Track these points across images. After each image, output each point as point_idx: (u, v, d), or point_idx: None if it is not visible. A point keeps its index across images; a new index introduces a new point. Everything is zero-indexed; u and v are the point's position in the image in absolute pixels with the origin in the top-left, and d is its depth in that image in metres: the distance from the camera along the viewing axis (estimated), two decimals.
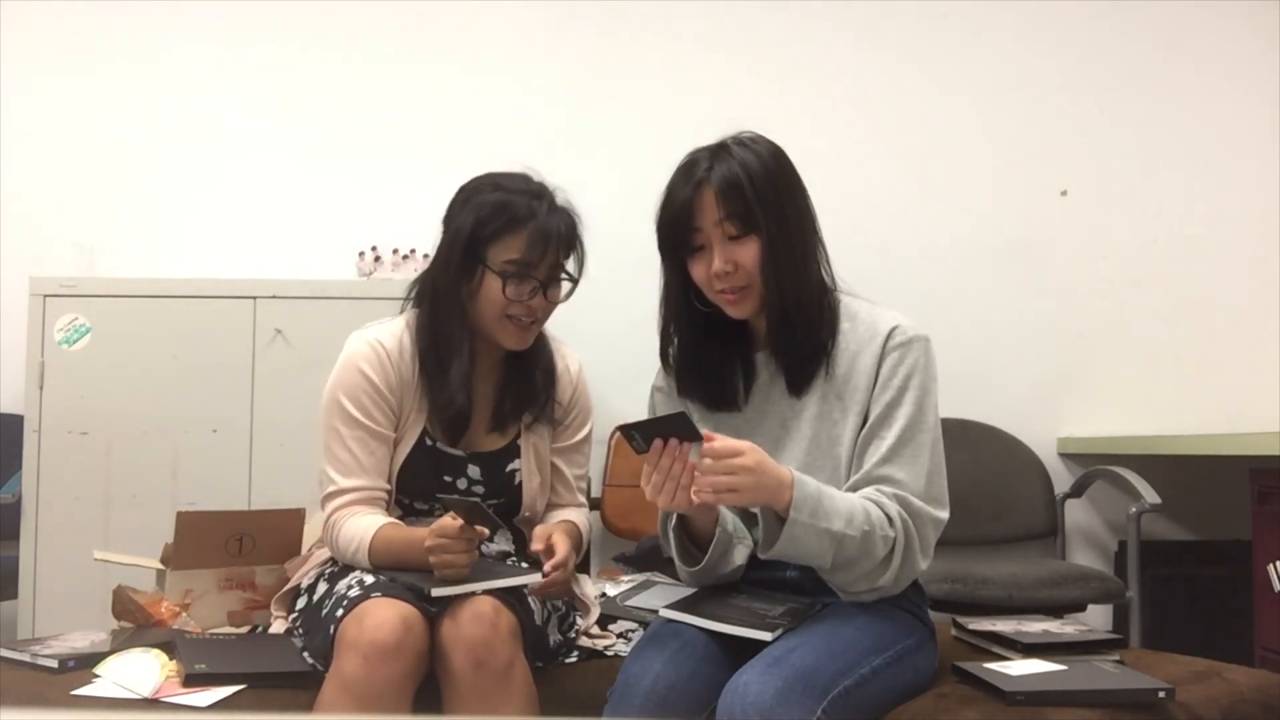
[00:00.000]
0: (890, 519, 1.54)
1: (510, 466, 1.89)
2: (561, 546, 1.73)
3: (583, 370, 2.00)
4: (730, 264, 1.61)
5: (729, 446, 1.46)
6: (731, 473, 1.45)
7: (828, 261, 1.70)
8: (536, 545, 1.72)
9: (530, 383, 1.90)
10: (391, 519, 1.81)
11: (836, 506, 1.51)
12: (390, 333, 1.86)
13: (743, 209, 1.60)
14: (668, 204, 1.66)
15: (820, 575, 1.60)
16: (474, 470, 1.87)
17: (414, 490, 1.87)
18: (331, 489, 1.81)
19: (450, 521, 1.62)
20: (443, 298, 1.83)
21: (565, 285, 1.86)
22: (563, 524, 1.89)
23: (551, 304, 1.85)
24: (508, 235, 1.79)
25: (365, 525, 1.75)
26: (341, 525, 1.77)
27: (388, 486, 1.84)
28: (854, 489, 1.59)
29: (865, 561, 1.54)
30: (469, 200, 1.83)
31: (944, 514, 1.60)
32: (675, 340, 1.74)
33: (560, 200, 1.86)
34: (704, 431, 1.48)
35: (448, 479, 1.86)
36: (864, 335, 1.65)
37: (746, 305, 1.64)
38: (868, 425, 1.61)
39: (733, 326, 1.71)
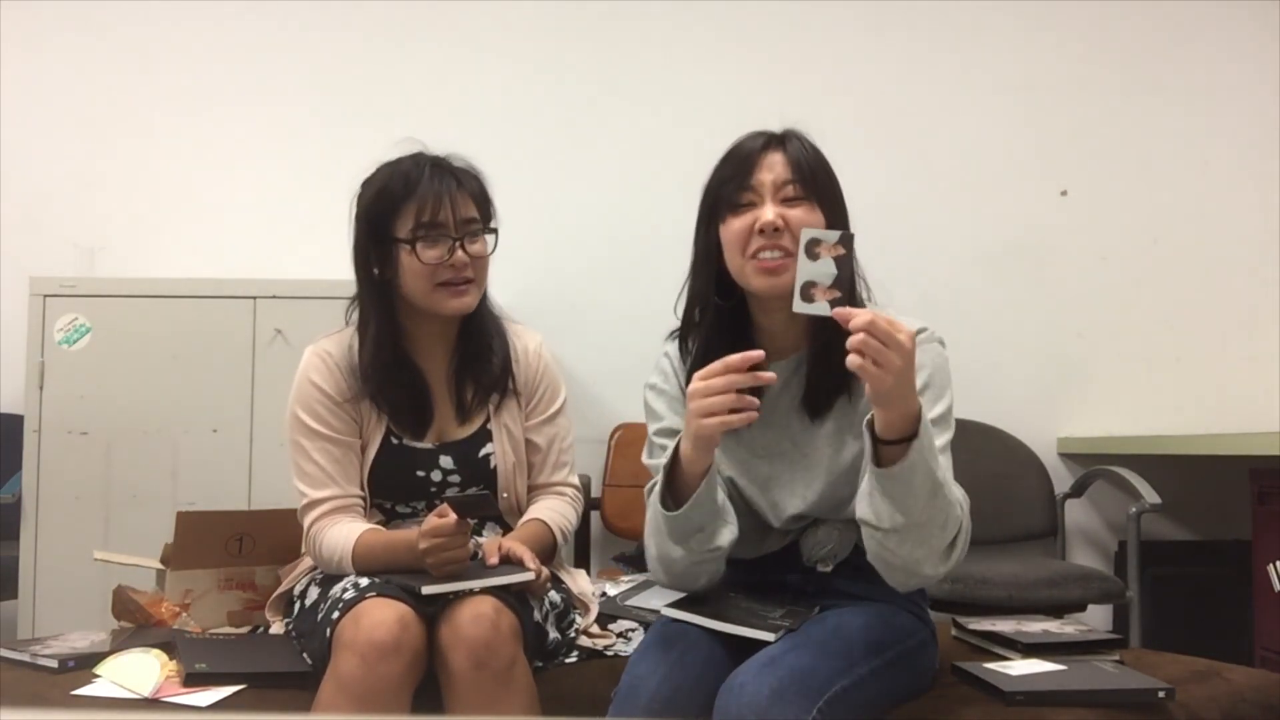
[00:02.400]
0: (960, 501, 1.48)
1: (484, 451, 1.89)
2: (516, 549, 1.72)
3: (544, 346, 1.99)
4: (781, 219, 1.53)
5: (895, 324, 1.34)
6: (893, 346, 1.32)
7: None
8: (491, 560, 1.70)
9: (488, 368, 1.90)
10: (371, 525, 1.81)
11: (941, 460, 1.42)
12: (339, 340, 1.89)
13: (811, 176, 1.55)
14: (727, 159, 1.60)
15: (882, 552, 1.46)
16: (446, 461, 1.87)
17: (390, 491, 1.87)
18: (305, 502, 1.82)
19: (439, 521, 1.62)
20: (367, 292, 1.86)
21: (487, 239, 1.86)
22: (522, 528, 1.88)
23: (478, 259, 1.84)
24: (402, 205, 1.81)
25: (345, 534, 1.76)
26: (322, 536, 1.78)
27: (360, 493, 1.85)
28: None
29: (940, 536, 1.43)
30: (361, 193, 1.87)
31: None
32: (697, 324, 1.64)
33: (450, 159, 1.86)
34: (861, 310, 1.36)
35: (420, 474, 1.86)
36: None
37: (782, 280, 1.51)
38: None
39: (745, 333, 1.62)
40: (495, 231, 1.88)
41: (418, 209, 1.80)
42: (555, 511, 1.92)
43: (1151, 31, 3.36)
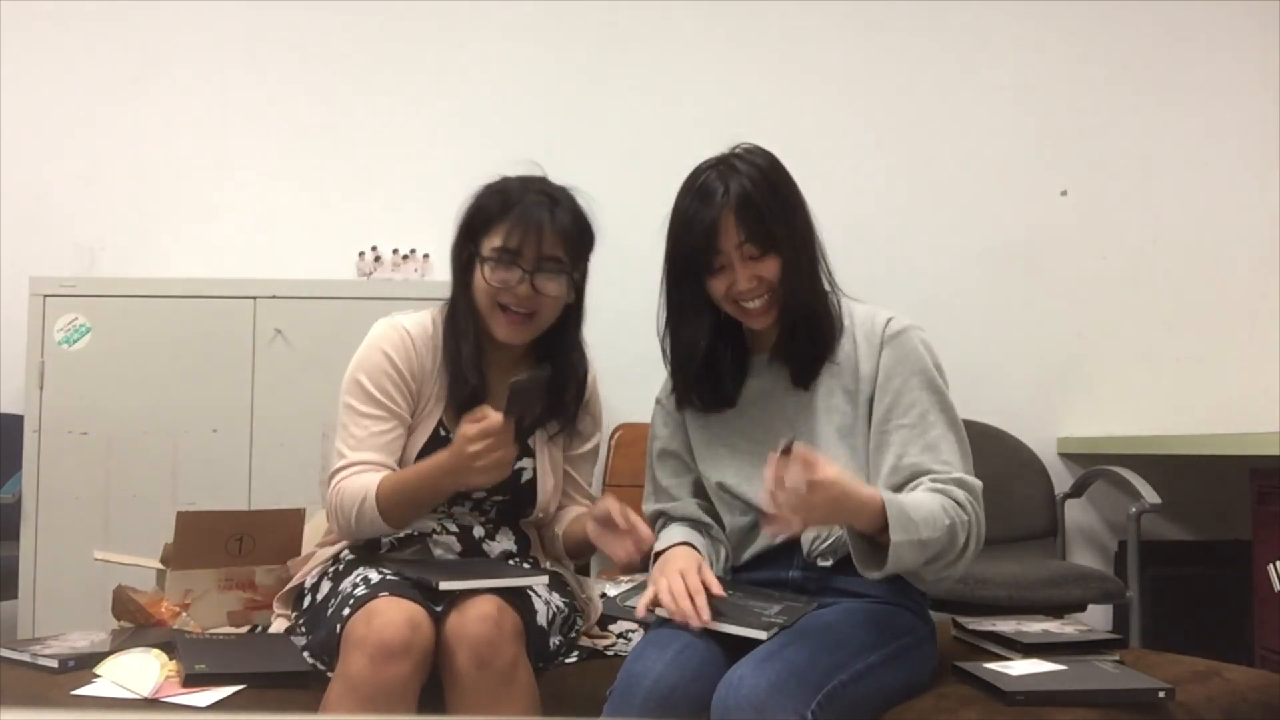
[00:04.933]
0: (961, 504, 1.56)
1: (518, 465, 1.88)
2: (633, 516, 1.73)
3: (596, 381, 1.98)
4: (753, 280, 1.65)
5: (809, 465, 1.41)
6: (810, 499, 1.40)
7: (826, 264, 1.74)
8: (616, 517, 1.71)
9: (561, 397, 1.88)
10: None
11: (920, 513, 1.50)
12: (416, 320, 1.88)
13: (761, 231, 1.64)
14: (686, 230, 1.67)
15: (918, 583, 1.64)
16: None
17: None
18: (340, 464, 1.78)
19: (487, 422, 1.60)
20: (455, 287, 1.87)
21: (560, 280, 1.82)
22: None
23: (545, 296, 1.81)
24: (497, 223, 1.81)
25: (366, 480, 1.74)
26: (341, 487, 1.75)
27: (395, 467, 1.81)
28: (905, 483, 1.59)
29: (949, 554, 1.55)
30: (475, 195, 1.86)
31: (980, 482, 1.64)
32: (687, 351, 1.73)
33: (564, 198, 1.85)
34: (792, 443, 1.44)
35: None
36: (860, 332, 1.70)
37: (770, 315, 1.69)
38: (889, 419, 1.64)
39: (733, 329, 1.74)
40: (570, 275, 1.84)
41: (506, 231, 1.79)
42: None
43: (1151, 31, 3.36)
